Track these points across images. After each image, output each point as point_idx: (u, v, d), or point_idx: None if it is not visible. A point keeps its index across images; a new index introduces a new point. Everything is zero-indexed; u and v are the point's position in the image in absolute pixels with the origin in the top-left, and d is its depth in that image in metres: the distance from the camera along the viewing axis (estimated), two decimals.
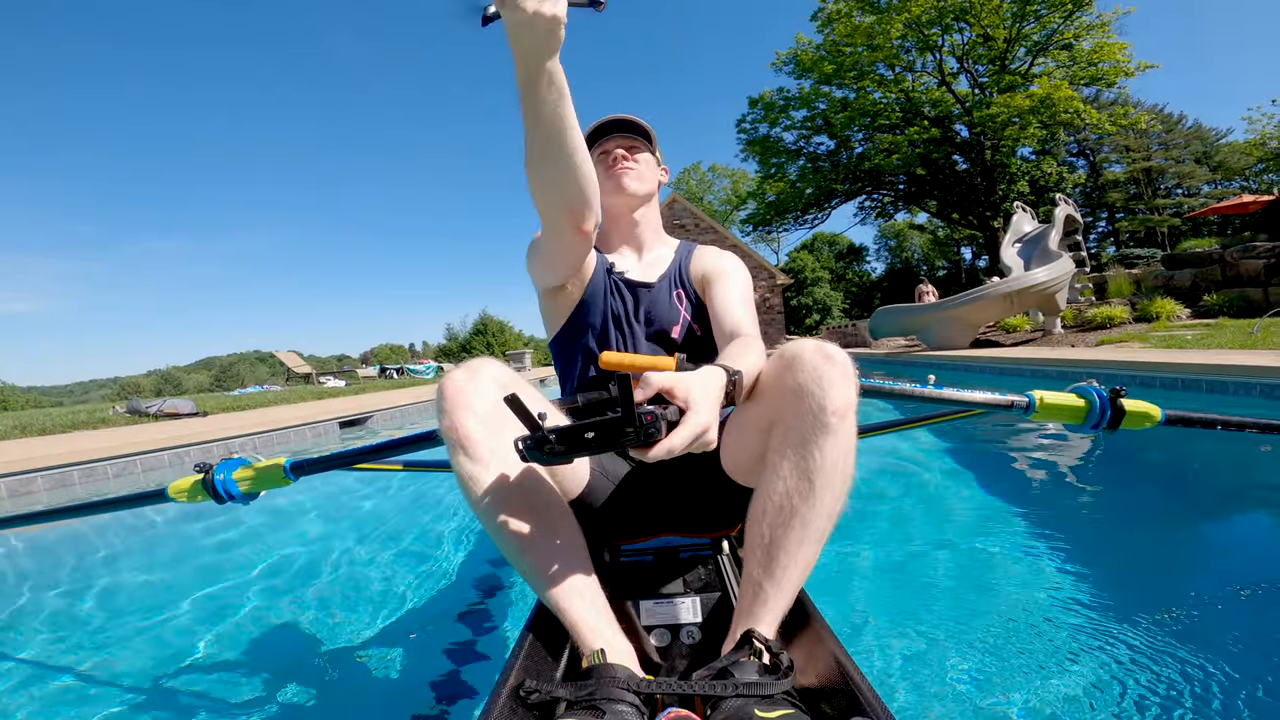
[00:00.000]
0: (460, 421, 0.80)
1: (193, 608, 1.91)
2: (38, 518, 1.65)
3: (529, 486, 0.84)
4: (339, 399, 9.04)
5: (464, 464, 0.80)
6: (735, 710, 0.67)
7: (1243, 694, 1.14)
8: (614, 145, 1.27)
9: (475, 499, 0.81)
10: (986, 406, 1.29)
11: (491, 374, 0.86)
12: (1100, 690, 1.16)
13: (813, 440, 0.78)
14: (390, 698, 1.34)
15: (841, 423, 0.78)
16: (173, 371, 53.15)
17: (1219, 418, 1.34)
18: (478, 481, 0.80)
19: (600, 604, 0.82)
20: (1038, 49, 18.39)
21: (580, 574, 0.83)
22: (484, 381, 0.84)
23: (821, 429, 0.78)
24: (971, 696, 1.17)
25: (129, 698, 1.39)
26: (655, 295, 1.25)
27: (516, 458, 0.80)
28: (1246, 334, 5.97)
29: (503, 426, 0.82)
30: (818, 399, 0.78)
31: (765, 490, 0.82)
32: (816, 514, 0.79)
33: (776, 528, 0.80)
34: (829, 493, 0.79)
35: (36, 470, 3.90)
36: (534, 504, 0.84)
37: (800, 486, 0.79)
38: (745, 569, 0.83)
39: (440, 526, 2.59)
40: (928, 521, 2.29)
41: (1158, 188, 31.09)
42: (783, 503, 0.80)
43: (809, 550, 0.80)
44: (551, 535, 0.83)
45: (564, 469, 0.99)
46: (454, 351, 34.02)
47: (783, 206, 23.65)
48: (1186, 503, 2.41)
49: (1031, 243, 10.95)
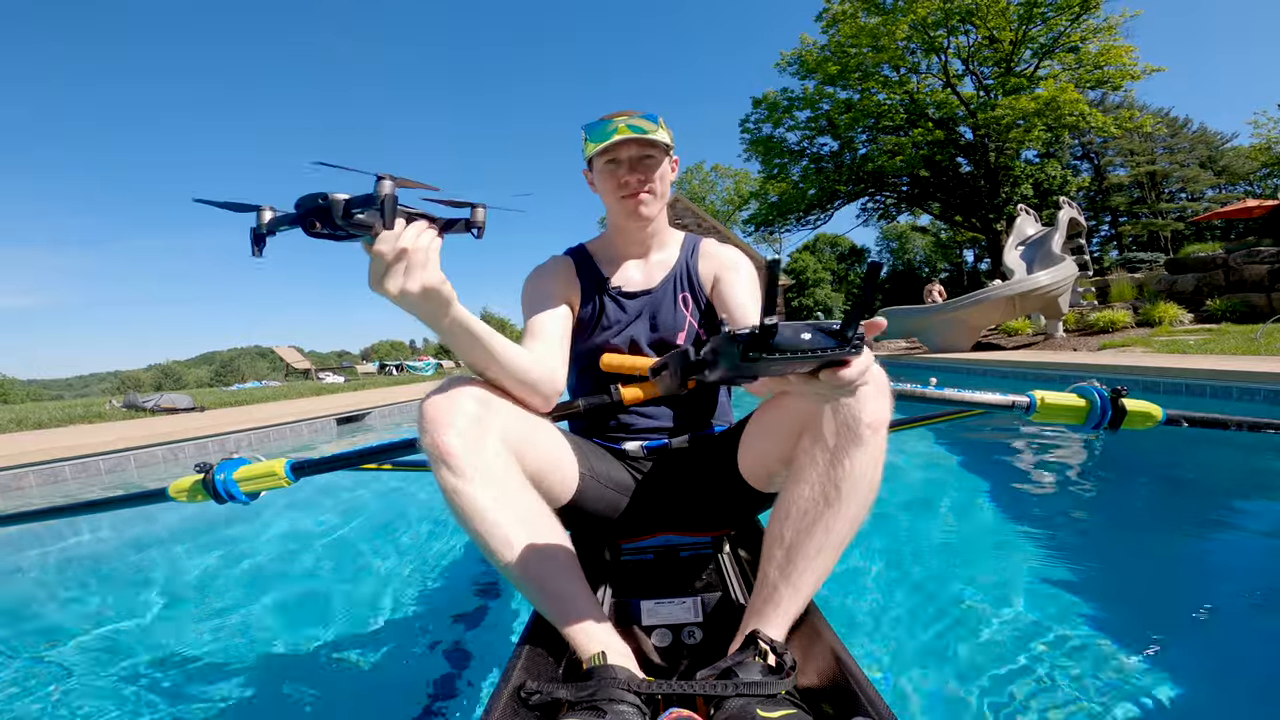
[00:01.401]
0: (440, 438, 0.80)
1: (192, 607, 1.90)
2: (36, 516, 1.63)
3: (513, 498, 0.84)
4: (337, 395, 9.03)
5: (447, 478, 0.80)
6: (737, 710, 0.67)
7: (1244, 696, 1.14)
8: (626, 156, 1.14)
9: (460, 513, 0.81)
10: (987, 407, 1.30)
11: (469, 393, 0.86)
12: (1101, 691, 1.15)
13: (844, 450, 0.80)
14: (390, 697, 1.34)
15: (874, 435, 0.80)
16: (173, 366, 53.30)
17: (1219, 417, 1.34)
18: (462, 495, 0.80)
19: (594, 609, 0.82)
20: (1044, 51, 18.31)
21: (572, 581, 0.83)
22: (463, 399, 0.84)
23: (855, 440, 0.79)
24: (971, 697, 1.17)
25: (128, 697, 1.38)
26: (658, 301, 1.23)
27: (500, 471, 0.83)
28: (1249, 339, 5.93)
29: (482, 442, 0.83)
30: (854, 411, 0.79)
31: (791, 494, 0.84)
32: (840, 522, 0.81)
33: (799, 532, 0.81)
34: (855, 502, 0.80)
35: (28, 465, 3.88)
36: (520, 515, 0.83)
37: (827, 493, 0.80)
38: (761, 569, 0.84)
39: (439, 527, 2.58)
40: (929, 521, 2.28)
41: (1162, 192, 31.03)
42: (808, 508, 0.81)
43: (828, 557, 0.82)
44: (539, 545, 0.82)
45: (553, 471, 0.99)
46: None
47: (785, 207, 23.58)
48: (1188, 504, 2.39)
49: (1034, 246, 10.91)
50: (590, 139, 1.15)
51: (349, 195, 0.63)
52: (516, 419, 0.92)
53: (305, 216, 0.63)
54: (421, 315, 0.78)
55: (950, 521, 2.29)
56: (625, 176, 1.14)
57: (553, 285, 1.22)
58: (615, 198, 1.17)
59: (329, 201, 0.61)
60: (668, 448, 1.20)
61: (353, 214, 0.62)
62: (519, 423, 0.92)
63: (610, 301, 1.22)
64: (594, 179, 1.22)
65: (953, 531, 2.15)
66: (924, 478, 2.91)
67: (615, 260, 1.26)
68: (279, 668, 1.50)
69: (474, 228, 0.75)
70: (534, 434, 0.95)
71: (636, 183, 1.14)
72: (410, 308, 0.75)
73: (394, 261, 0.69)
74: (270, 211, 0.64)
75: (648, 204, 1.17)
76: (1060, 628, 1.40)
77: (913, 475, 2.96)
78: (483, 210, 0.75)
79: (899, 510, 2.43)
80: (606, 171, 1.16)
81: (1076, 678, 1.20)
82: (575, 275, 1.25)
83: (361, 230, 0.64)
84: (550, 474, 0.99)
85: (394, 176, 0.64)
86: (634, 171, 1.14)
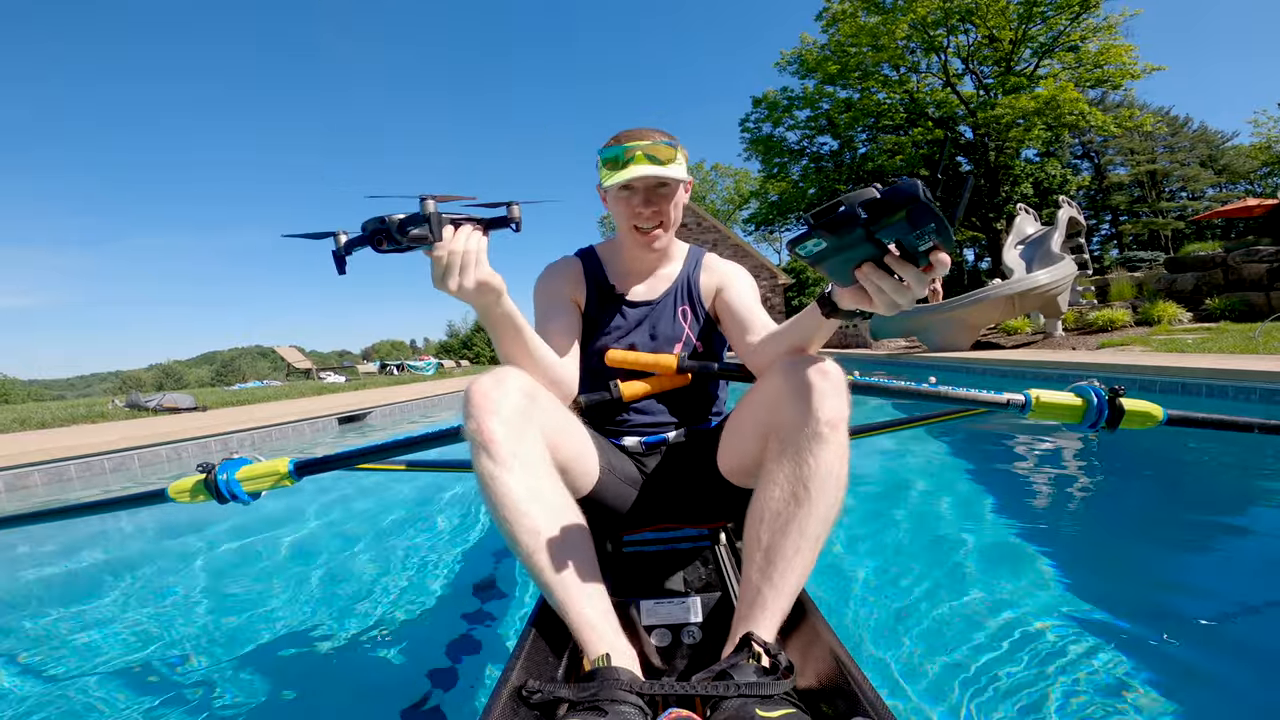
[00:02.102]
0: (485, 424, 0.83)
1: (192, 606, 1.90)
2: (35, 518, 1.63)
3: (545, 490, 0.86)
4: (338, 395, 9.04)
5: (485, 464, 0.83)
6: (736, 710, 0.68)
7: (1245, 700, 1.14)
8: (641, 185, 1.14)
9: (493, 498, 0.83)
10: (981, 405, 1.30)
11: (517, 383, 0.89)
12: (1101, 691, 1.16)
13: (807, 449, 0.83)
14: (390, 696, 1.34)
15: (834, 432, 0.83)
16: (174, 366, 53.25)
17: (1221, 418, 1.34)
18: (498, 482, 0.82)
19: (606, 608, 0.84)
20: (1044, 50, 18.30)
21: (589, 578, 0.84)
22: (510, 388, 0.87)
23: (816, 438, 0.83)
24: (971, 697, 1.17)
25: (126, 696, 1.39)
26: (659, 313, 1.27)
27: (536, 462, 0.87)
28: (1248, 338, 5.94)
29: (524, 433, 0.86)
30: (812, 410, 0.83)
31: (763, 497, 0.86)
32: (813, 521, 0.83)
33: (775, 534, 0.83)
34: (824, 500, 0.83)
35: (33, 464, 3.90)
36: (549, 507, 0.85)
37: (797, 494, 0.83)
38: (744, 573, 0.86)
39: (440, 525, 2.58)
40: (929, 521, 2.28)
41: (1162, 191, 31.00)
42: (780, 509, 0.84)
43: (806, 555, 0.83)
44: (563, 538, 0.84)
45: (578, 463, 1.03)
46: (455, 348, 34.04)
47: (785, 206, 23.62)
48: (1188, 504, 2.39)
49: (1034, 244, 10.91)
50: (605, 165, 1.13)
51: (402, 215, 0.75)
52: (555, 412, 0.97)
53: (372, 237, 0.75)
54: (477, 306, 0.88)
55: (950, 521, 2.28)
56: (639, 208, 1.14)
57: (563, 286, 1.26)
58: (628, 226, 1.18)
59: (388, 223, 0.74)
60: (666, 442, 1.24)
61: (408, 230, 0.74)
62: (557, 416, 0.97)
63: (614, 309, 1.26)
64: (607, 201, 1.22)
65: (953, 532, 2.14)
66: (924, 477, 2.91)
67: (622, 271, 1.29)
68: (277, 665, 1.50)
69: (512, 223, 0.84)
70: (566, 427, 1.00)
71: (651, 216, 1.15)
72: (468, 299, 0.85)
73: (449, 264, 0.78)
74: (344, 235, 0.78)
75: (660, 239, 1.19)
76: (1060, 628, 1.39)
77: (913, 475, 2.96)
78: (517, 207, 0.84)
79: (899, 510, 2.43)
80: (620, 199, 1.16)
81: (1076, 677, 1.20)
82: (583, 278, 1.28)
83: (419, 242, 0.75)
84: (575, 466, 1.02)
85: (435, 195, 0.76)
86: (649, 204, 1.14)
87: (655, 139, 1.11)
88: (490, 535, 2.38)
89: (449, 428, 1.24)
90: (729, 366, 1.24)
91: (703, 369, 1.22)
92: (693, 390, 1.28)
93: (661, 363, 1.21)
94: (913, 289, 0.65)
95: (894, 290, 0.66)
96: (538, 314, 1.23)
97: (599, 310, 1.27)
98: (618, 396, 1.20)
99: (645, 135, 1.12)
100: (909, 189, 0.58)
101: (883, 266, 0.66)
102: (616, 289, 1.27)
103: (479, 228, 0.82)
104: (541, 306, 1.24)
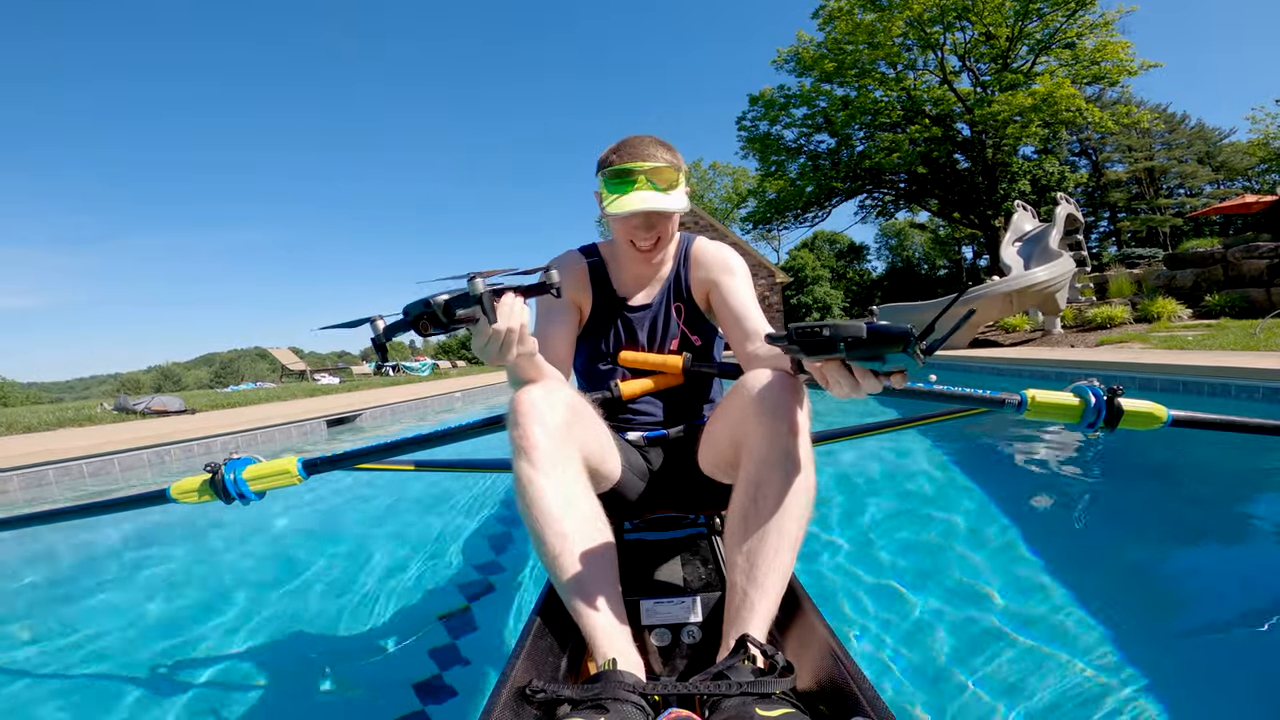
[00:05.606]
0: (530, 431, 0.88)
1: (184, 606, 1.90)
2: (34, 520, 1.62)
3: (577, 498, 0.90)
4: (331, 396, 8.97)
5: (525, 469, 0.88)
6: (736, 710, 0.69)
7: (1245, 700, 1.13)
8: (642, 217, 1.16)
9: (528, 502, 0.87)
10: (978, 404, 1.29)
11: (564, 398, 0.94)
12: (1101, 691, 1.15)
13: (774, 460, 0.88)
14: (390, 694, 1.34)
15: (797, 440, 0.88)
16: (173, 367, 53.26)
17: (1228, 419, 1.29)
18: (534, 486, 0.87)
19: (620, 615, 0.86)
20: (1040, 47, 18.25)
21: (607, 586, 0.87)
22: (556, 400, 0.93)
23: (779, 450, 0.88)
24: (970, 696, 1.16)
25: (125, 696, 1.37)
26: (655, 314, 1.32)
27: (572, 471, 0.91)
28: (1248, 335, 5.89)
29: (565, 444, 0.91)
30: (776, 421, 0.88)
31: (738, 504, 0.90)
32: (789, 522, 0.87)
33: (754, 537, 0.87)
34: (794, 503, 0.87)
35: (11, 469, 3.83)
36: (580, 513, 0.89)
37: (769, 500, 0.87)
38: (729, 576, 0.89)
39: (441, 525, 2.58)
40: (929, 521, 2.25)
41: (1160, 187, 31.00)
42: (755, 515, 0.88)
43: (785, 556, 0.87)
44: (587, 545, 0.87)
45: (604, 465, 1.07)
46: (453, 349, 34.01)
47: (783, 205, 23.53)
48: (1189, 506, 2.35)
49: (1032, 242, 10.87)
50: (607, 187, 1.13)
51: (447, 296, 0.73)
52: (593, 423, 1.04)
53: (415, 322, 0.73)
54: (511, 369, 0.94)
55: (950, 521, 2.25)
56: (639, 229, 1.17)
57: (567, 290, 1.29)
58: (625, 242, 1.22)
59: (433, 305, 0.72)
60: (666, 438, 1.30)
61: (455, 313, 0.73)
62: (595, 428, 1.04)
63: (617, 315, 1.32)
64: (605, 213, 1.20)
65: (952, 532, 2.12)
66: (924, 477, 2.87)
67: (623, 277, 1.33)
68: (277, 665, 1.50)
69: (551, 288, 0.82)
70: (599, 435, 1.06)
71: (649, 237, 1.18)
72: (508, 366, 0.90)
73: (506, 341, 0.82)
74: (382, 321, 0.76)
75: (657, 255, 1.24)
76: (1060, 627, 1.38)
77: (913, 475, 2.92)
78: (555, 272, 0.82)
79: (899, 510, 2.40)
80: (619, 219, 1.17)
81: (1076, 678, 1.19)
82: (588, 283, 1.32)
83: (467, 323, 0.75)
84: (602, 468, 1.07)
85: (482, 273, 0.75)
86: (650, 228, 1.17)
87: (657, 157, 1.13)
88: (490, 535, 2.41)
89: (450, 428, 1.32)
90: (729, 367, 1.29)
91: (705, 370, 1.30)
92: (688, 388, 1.33)
93: (669, 363, 1.29)
94: (864, 390, 0.69)
95: (850, 387, 0.70)
96: (540, 312, 1.28)
97: (603, 315, 1.32)
98: (617, 395, 1.26)
99: (646, 153, 1.13)
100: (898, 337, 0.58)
101: (845, 365, 0.68)
102: (619, 294, 1.32)
103: (519, 295, 0.82)
104: (544, 306, 1.28)
